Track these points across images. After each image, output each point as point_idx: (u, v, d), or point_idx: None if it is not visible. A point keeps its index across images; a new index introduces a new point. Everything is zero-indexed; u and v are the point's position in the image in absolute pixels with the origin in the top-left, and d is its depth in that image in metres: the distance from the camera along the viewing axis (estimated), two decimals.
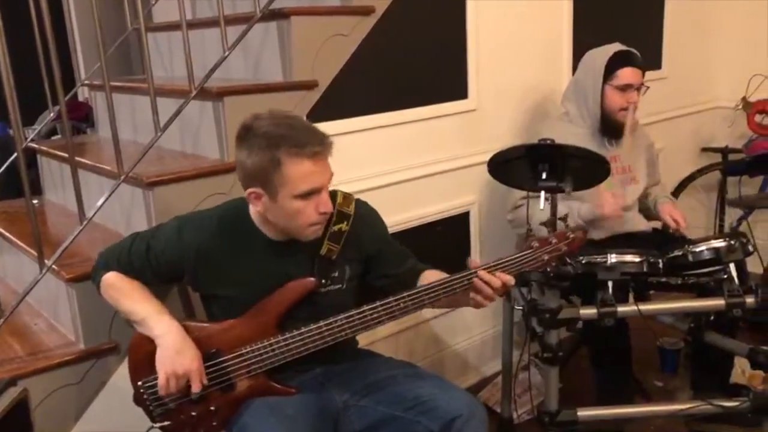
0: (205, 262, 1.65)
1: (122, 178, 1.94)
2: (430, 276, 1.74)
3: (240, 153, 1.56)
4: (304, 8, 2.19)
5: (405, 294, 1.57)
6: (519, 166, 1.88)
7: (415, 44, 2.43)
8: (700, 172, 3.58)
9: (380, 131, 2.40)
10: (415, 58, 2.44)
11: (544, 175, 1.80)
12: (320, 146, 1.52)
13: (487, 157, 2.67)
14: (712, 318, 2.06)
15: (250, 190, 1.57)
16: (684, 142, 3.67)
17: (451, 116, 2.60)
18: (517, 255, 1.60)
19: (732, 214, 3.68)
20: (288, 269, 1.65)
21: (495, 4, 2.63)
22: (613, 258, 1.88)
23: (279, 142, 1.50)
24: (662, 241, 2.48)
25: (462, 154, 2.66)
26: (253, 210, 1.65)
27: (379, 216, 1.82)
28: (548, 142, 1.82)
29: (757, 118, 3.26)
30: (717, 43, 3.70)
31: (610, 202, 2.25)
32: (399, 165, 2.47)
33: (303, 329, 1.59)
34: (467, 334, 2.82)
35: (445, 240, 2.66)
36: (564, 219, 1.67)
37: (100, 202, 1.96)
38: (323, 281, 1.65)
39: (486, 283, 1.56)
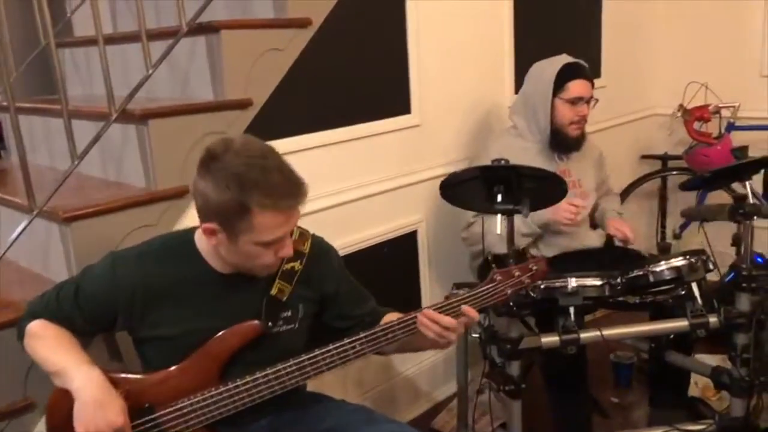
0: (143, 300, 1.47)
1: (35, 213, 1.73)
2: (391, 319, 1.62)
3: (202, 182, 1.38)
4: (236, 21, 2.02)
5: (361, 335, 1.44)
6: (473, 188, 1.77)
7: (355, 58, 2.30)
8: (644, 179, 3.59)
9: (320, 151, 2.25)
10: (356, 72, 2.31)
11: (499, 198, 1.70)
12: (297, 198, 1.37)
13: (433, 173, 2.61)
14: (671, 336, 2.00)
15: (207, 224, 1.40)
16: (624, 150, 3.68)
17: (395, 132, 2.48)
18: (480, 289, 1.49)
19: (673, 221, 3.71)
20: (234, 308, 1.49)
21: (435, 17, 2.53)
22: (573, 282, 1.79)
23: (251, 189, 1.33)
24: (614, 256, 2.44)
25: (407, 171, 2.54)
26: (201, 239, 1.49)
27: (337, 254, 1.68)
28: (502, 162, 1.72)
29: (696, 125, 3.28)
30: (653, 52, 3.72)
31: (564, 208, 2.17)
32: (341, 186, 2.34)
33: (248, 378, 1.43)
34: (417, 359, 2.70)
35: (392, 261, 2.55)
36: (525, 251, 1.57)
37: (11, 239, 1.75)
38: (271, 324, 1.50)
39: (435, 322, 1.44)
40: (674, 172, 3.63)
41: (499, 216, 1.70)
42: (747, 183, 1.81)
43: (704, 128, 3.30)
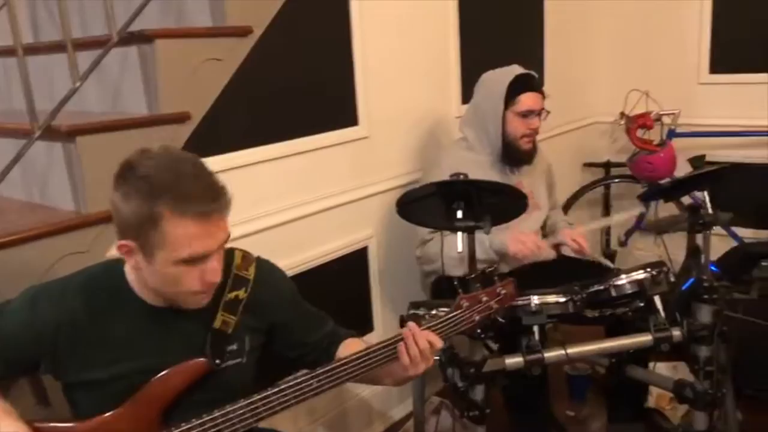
0: (68, 340, 1.31)
1: None
2: (353, 346, 1.51)
3: (116, 195, 1.24)
4: (171, 30, 1.89)
5: (318, 371, 1.32)
6: (431, 204, 1.68)
7: (299, 68, 2.19)
8: (589, 187, 3.60)
9: (264, 166, 2.13)
10: (301, 83, 2.20)
11: (459, 214, 1.61)
12: (213, 204, 1.22)
13: (383, 186, 2.53)
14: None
15: (121, 242, 1.25)
16: (567, 158, 3.68)
17: (342, 145, 2.38)
18: (447, 317, 1.40)
19: (618, 228, 3.73)
20: (174, 345, 1.35)
21: (381, 26, 2.45)
22: (536, 300, 1.72)
23: (162, 194, 1.19)
24: (568, 268, 2.40)
25: (356, 185, 2.45)
26: (130, 269, 1.34)
27: (285, 277, 1.55)
28: (461, 177, 1.63)
29: (639, 132, 3.29)
30: (595, 60, 3.75)
31: (519, 241, 2.11)
32: (287, 202, 2.22)
33: (195, 422, 1.29)
34: None
35: (342, 280, 2.44)
36: (492, 272, 1.49)
37: None
38: (218, 361, 1.36)
39: (414, 341, 1.34)
40: (617, 180, 3.65)
41: (459, 234, 1.62)
42: (704, 193, 1.79)
43: (646, 135, 3.32)
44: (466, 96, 2.75)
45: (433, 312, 1.84)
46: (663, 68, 3.53)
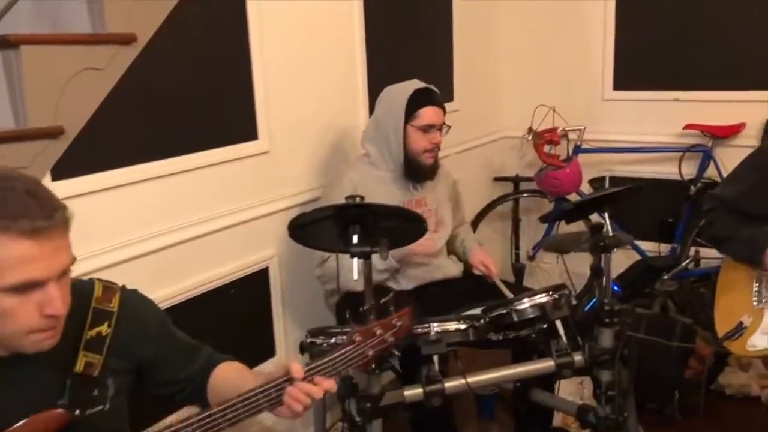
0: None
1: None
2: (229, 373, 1.39)
3: None
4: (40, 36, 1.71)
5: (193, 419, 1.18)
6: (325, 228, 1.58)
7: (192, 78, 2.06)
8: (498, 201, 3.59)
9: (153, 184, 1.98)
10: (193, 94, 2.07)
11: (355, 239, 1.52)
12: (47, 220, 1.06)
13: (285, 203, 2.41)
14: None
15: None
16: (476, 172, 3.67)
17: (241, 160, 2.25)
18: (338, 354, 1.29)
19: (527, 242, 3.75)
20: (27, 395, 1.18)
21: (282, 35, 2.34)
22: (436, 328, 1.65)
23: None
24: (474, 286, 2.36)
25: (255, 202, 2.32)
26: None
27: (154, 307, 1.41)
28: (357, 199, 1.54)
29: (546, 148, 3.31)
30: (503, 76, 3.76)
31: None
32: (180, 222, 2.07)
33: None
34: None
35: (242, 303, 2.30)
36: (388, 302, 1.39)
37: None
38: (78, 411, 1.21)
39: (306, 394, 1.23)
40: (525, 195, 3.67)
41: (355, 260, 1.52)
42: (605, 215, 1.77)
43: (553, 151, 3.34)
44: (374, 110, 2.68)
45: (332, 340, 1.75)
46: (569, 85, 3.58)
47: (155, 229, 2.00)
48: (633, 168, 3.46)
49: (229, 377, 1.41)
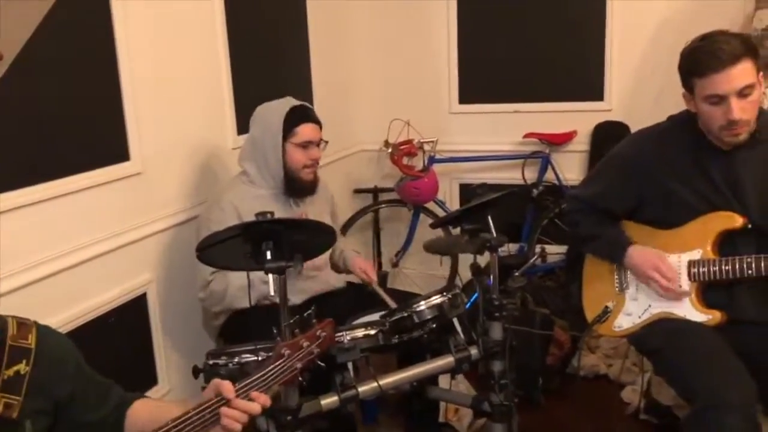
0: None
1: None
2: (147, 408, 1.35)
3: None
4: None
5: None
6: (235, 246, 1.57)
7: (60, 99, 1.94)
8: (362, 212, 3.69)
9: (18, 213, 1.83)
10: (62, 115, 1.95)
11: (269, 255, 1.53)
12: None
13: (160, 225, 2.34)
14: None
15: None
16: (338, 185, 3.75)
17: (112, 183, 2.15)
18: (269, 369, 1.30)
19: (388, 251, 3.90)
20: None
21: (149, 55, 2.27)
22: (348, 337, 1.70)
23: None
24: (357, 295, 2.44)
25: (128, 226, 2.22)
26: None
27: (69, 342, 1.34)
28: (268, 216, 1.55)
29: (404, 159, 3.48)
30: (360, 92, 3.89)
31: None
32: (49, 252, 1.94)
33: None
34: None
35: (120, 333, 2.20)
36: (310, 315, 1.42)
37: None
38: None
39: (245, 411, 1.23)
40: (384, 205, 3.81)
41: (271, 276, 1.53)
42: (489, 217, 1.92)
43: (411, 162, 3.52)
44: (242, 127, 2.67)
45: (236, 360, 1.73)
46: (420, 99, 3.79)
47: (24, 262, 1.86)
48: (482, 175, 3.72)
49: (150, 412, 1.36)
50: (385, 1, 3.79)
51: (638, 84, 3.40)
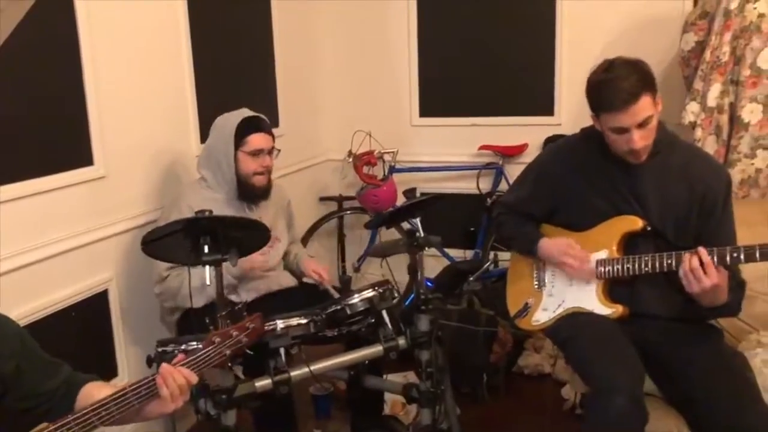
0: None
1: None
2: (99, 389, 1.50)
3: None
4: None
5: (68, 419, 1.30)
6: (177, 241, 1.75)
7: (24, 102, 2.09)
8: (325, 219, 3.87)
9: None
10: (25, 120, 2.10)
11: (206, 249, 1.71)
12: None
13: (122, 227, 2.50)
14: (367, 362, 2.19)
15: None
16: (303, 193, 3.93)
17: (76, 186, 2.31)
18: (199, 353, 1.47)
19: (352, 256, 4.07)
20: None
21: (114, 60, 2.43)
22: (281, 324, 1.87)
23: None
24: (308, 294, 2.60)
25: (92, 226, 2.38)
26: None
27: (14, 324, 1.49)
28: (206, 213, 1.73)
29: (365, 169, 3.67)
30: (324, 103, 4.09)
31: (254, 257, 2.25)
32: (14, 248, 2.08)
33: None
34: None
35: (82, 326, 2.35)
36: (242, 309, 1.60)
37: None
38: None
39: (170, 375, 1.40)
40: (348, 212, 4.00)
41: (207, 267, 1.71)
42: (417, 219, 2.10)
43: (372, 171, 3.70)
44: (205, 135, 2.83)
45: (182, 347, 1.89)
46: (382, 112, 3.99)
47: None
48: (439, 184, 3.92)
49: (100, 392, 1.48)
50: (350, 17, 4.00)
51: (586, 100, 3.59)
